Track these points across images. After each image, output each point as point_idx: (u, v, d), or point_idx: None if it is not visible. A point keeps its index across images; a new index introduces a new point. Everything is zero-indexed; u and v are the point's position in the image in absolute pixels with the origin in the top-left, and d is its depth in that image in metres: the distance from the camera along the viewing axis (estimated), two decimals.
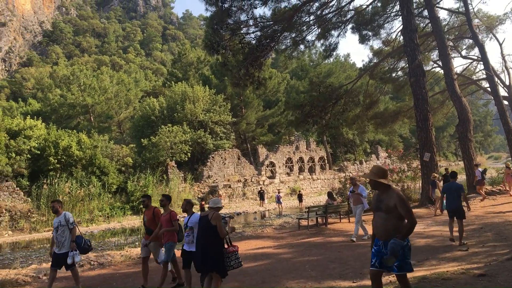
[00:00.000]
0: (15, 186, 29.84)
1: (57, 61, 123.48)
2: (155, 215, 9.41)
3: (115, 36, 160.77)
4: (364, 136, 56.18)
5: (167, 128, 37.46)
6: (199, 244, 7.20)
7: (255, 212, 31.96)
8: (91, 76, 58.49)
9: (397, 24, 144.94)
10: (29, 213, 27.50)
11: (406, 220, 5.23)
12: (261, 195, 36.39)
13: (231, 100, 46.35)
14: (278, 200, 32.98)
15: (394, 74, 31.51)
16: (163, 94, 50.98)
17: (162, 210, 9.43)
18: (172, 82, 50.49)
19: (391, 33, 42.82)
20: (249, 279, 9.01)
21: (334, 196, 19.92)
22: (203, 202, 29.25)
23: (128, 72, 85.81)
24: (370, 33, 28.27)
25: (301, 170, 46.73)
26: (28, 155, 30.85)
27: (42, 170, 30.82)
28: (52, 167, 30.78)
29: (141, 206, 30.37)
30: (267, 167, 43.05)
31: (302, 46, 25.26)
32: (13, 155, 30.06)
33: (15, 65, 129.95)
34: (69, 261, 8.66)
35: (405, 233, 5.17)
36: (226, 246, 7.33)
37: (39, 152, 31.17)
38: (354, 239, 12.82)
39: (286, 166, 45.06)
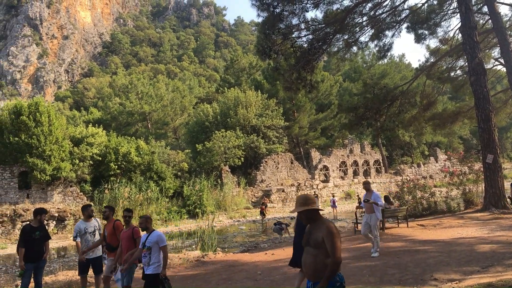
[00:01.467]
0: (78, 191, 31.37)
1: (116, 70, 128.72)
2: (115, 229, 8.41)
3: (170, 45, 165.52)
4: (421, 138, 54.38)
5: (221, 133, 38.01)
6: (295, 242, 7.78)
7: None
8: (148, 84, 60.46)
9: (455, 22, 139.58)
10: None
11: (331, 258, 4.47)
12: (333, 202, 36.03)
13: (283, 104, 46.36)
14: (333, 204, 32.55)
15: (452, 74, 30.33)
16: (216, 100, 51.84)
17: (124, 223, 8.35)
18: (225, 88, 51.23)
19: (449, 31, 41.35)
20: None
21: (391, 200, 19.41)
22: (263, 206, 29.37)
23: (183, 79, 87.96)
24: (426, 32, 27.39)
25: (355, 173, 45.90)
26: (91, 162, 32.32)
27: (104, 175, 32.19)
28: (112, 173, 32.06)
29: (197, 210, 31.06)
30: (321, 170, 42.63)
31: (355, 48, 24.89)
32: (77, 161, 31.60)
33: (77, 75, 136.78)
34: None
35: (328, 275, 4.42)
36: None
37: (100, 159, 32.58)
38: (376, 254, 11.26)
39: (340, 169, 44.43)
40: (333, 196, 35.79)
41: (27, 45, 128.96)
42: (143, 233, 7.61)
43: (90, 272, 9.33)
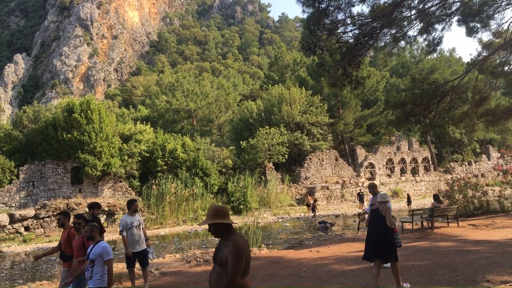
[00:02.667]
0: (127, 186, 32.36)
1: (162, 69, 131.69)
2: (70, 237, 7.63)
3: (215, 43, 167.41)
4: (473, 135, 52.33)
5: (265, 130, 38.08)
6: (371, 234, 8.08)
7: (355, 215, 31.25)
8: (194, 82, 61.43)
9: (509, 14, 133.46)
10: (140, 212, 29.58)
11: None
12: (360, 197, 35.48)
13: (328, 100, 45.86)
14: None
15: (506, 68, 28.93)
16: (260, 97, 51.95)
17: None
18: (269, 84, 51.24)
19: (502, 23, 39.30)
20: (351, 281, 8.83)
21: (441, 198, 18.82)
22: (315, 203, 29.19)
23: (227, 77, 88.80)
24: (478, 25, 26.24)
25: (402, 171, 44.80)
26: (139, 158, 33.25)
27: (151, 171, 33.04)
28: (159, 169, 32.84)
29: (241, 207, 31.31)
30: (366, 168, 41.91)
31: (402, 42, 24.19)
32: (126, 157, 32.60)
33: (126, 74, 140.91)
34: (150, 257, 9.23)
35: None
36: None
37: (148, 155, 33.45)
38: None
39: (386, 167, 43.50)
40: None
41: (78, 45, 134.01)
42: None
43: (137, 265, 9.59)
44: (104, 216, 28.07)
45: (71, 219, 7.81)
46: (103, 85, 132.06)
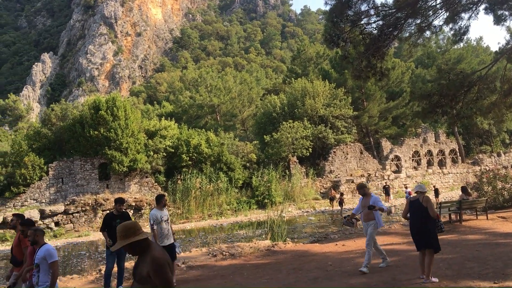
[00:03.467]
0: (153, 182, 32.79)
1: (186, 65, 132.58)
2: (20, 241, 7.26)
3: (237, 38, 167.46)
4: (502, 126, 51.10)
5: (288, 124, 37.98)
6: (415, 225, 8.17)
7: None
8: (217, 77, 61.70)
9: None
10: (166, 207, 29.91)
11: None
12: (386, 190, 35.10)
13: (351, 93, 45.39)
14: (408, 196, 31.55)
15: None
16: (283, 91, 51.80)
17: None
18: (292, 78, 51.03)
19: None
20: (378, 275, 8.77)
21: (469, 191, 18.46)
22: (342, 197, 28.97)
23: (250, 71, 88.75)
24: (506, 13, 25.48)
25: (429, 163, 44.10)
26: (164, 153, 33.64)
27: (176, 166, 33.39)
28: (184, 164, 33.16)
29: (265, 201, 31.38)
30: (392, 161, 41.40)
31: (428, 32, 23.69)
32: (151, 153, 33.03)
33: (150, 71, 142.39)
34: (177, 251, 9.36)
35: None
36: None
37: (173, 150, 33.81)
38: (365, 269, 9.07)
39: (412, 159, 42.88)
40: (406, 188, 34.74)
41: (103, 43, 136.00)
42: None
43: None
44: (132, 211, 28.55)
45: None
46: (128, 82, 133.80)
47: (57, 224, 27.12)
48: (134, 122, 33.37)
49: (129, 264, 11.31)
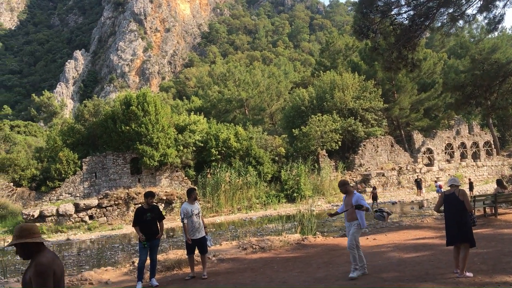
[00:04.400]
0: (184, 176, 33.20)
1: (214, 60, 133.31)
2: None
3: (265, 31, 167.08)
4: None
5: (317, 118, 37.72)
6: (451, 219, 8.06)
7: (412, 202, 30.47)
8: (245, 71, 61.70)
9: None
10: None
11: None
12: (418, 183, 34.52)
13: (382, 85, 44.65)
14: (439, 189, 30.93)
15: None
16: (312, 84, 51.39)
17: None
18: (321, 71, 50.59)
19: None
20: (411, 269, 8.64)
21: (505, 184, 17.94)
22: (375, 191, 28.51)
23: (278, 65, 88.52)
24: None
25: (463, 156, 43.06)
26: (194, 148, 33.98)
27: (206, 161, 33.69)
28: (214, 158, 33.42)
29: (294, 195, 31.31)
30: (424, 154, 40.62)
31: (461, 22, 23.05)
32: (181, 148, 33.41)
33: (179, 66, 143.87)
34: (209, 244, 9.44)
35: None
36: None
37: (202, 145, 34.11)
38: (354, 274, 8.26)
39: (445, 152, 41.95)
40: (437, 181, 34.06)
41: (133, 39, 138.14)
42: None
43: (197, 251, 9.84)
44: (163, 205, 29.00)
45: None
46: (157, 78, 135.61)
47: (91, 217, 27.82)
48: (164, 117, 33.80)
49: (162, 257, 11.51)
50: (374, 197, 27.63)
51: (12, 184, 30.70)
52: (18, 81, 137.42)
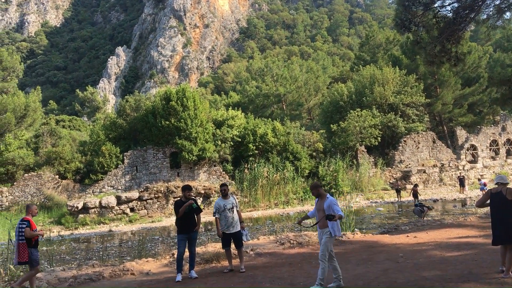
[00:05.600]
0: (221, 170, 33.52)
1: (252, 55, 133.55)
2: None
3: (303, 26, 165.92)
4: None
5: (356, 113, 37.20)
6: (498, 218, 7.81)
7: (455, 200, 29.62)
8: (283, 66, 61.56)
9: None
10: (233, 195, 30.53)
11: None
12: (461, 181, 33.49)
13: (424, 80, 43.52)
14: (483, 187, 29.91)
15: None
16: (351, 78, 50.73)
17: None
18: (360, 65, 49.85)
19: None
20: (452, 268, 8.42)
21: None
22: (416, 188, 27.73)
23: (316, 59, 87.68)
24: None
25: (508, 153, 41.47)
26: (231, 143, 34.24)
27: (243, 155, 33.89)
28: (251, 153, 33.57)
29: (332, 190, 31.05)
30: (467, 150, 39.37)
31: (508, 14, 22.25)
32: (219, 142, 33.74)
33: (217, 62, 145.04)
34: (244, 239, 9.40)
35: None
36: None
37: (240, 140, 34.32)
38: (335, 284, 7.65)
39: (490, 149, 40.52)
40: (481, 179, 33.00)
41: (173, 35, 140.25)
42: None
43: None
44: (201, 199, 29.42)
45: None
46: (196, 73, 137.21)
47: (132, 210, 28.55)
48: (203, 112, 34.21)
49: (200, 249, 11.69)
50: (415, 194, 26.93)
51: (57, 176, 31.90)
52: (63, 77, 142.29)
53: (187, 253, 9.82)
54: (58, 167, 32.37)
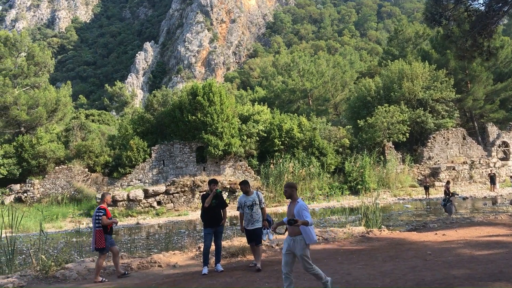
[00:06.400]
0: (247, 165, 33.63)
1: (278, 50, 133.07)
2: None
3: (331, 20, 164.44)
4: None
5: (384, 108, 36.69)
6: None
7: (485, 197, 28.95)
8: (309, 61, 61.16)
9: None
10: (259, 190, 30.63)
11: None
12: (491, 178, 32.69)
13: (454, 75, 42.54)
14: None
15: None
16: (378, 73, 49.99)
17: None
18: (388, 60, 49.09)
19: None
20: (483, 267, 8.24)
21: None
22: (448, 185, 26.99)
23: (343, 54, 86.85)
24: None
25: None
26: (257, 138, 34.29)
27: (269, 151, 33.90)
28: (277, 148, 33.56)
29: (358, 187, 30.76)
30: (499, 147, 38.35)
31: None
32: (245, 137, 33.84)
33: (243, 57, 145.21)
34: (264, 238, 9.33)
35: None
36: None
37: (265, 135, 34.33)
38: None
39: None
40: None
41: (200, 31, 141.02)
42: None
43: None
44: (226, 193, 29.59)
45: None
46: (222, 68, 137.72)
47: (159, 203, 28.96)
48: (229, 107, 34.34)
49: (226, 243, 11.77)
50: (446, 192, 26.35)
51: (87, 169, 32.60)
52: (93, 72, 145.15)
53: (213, 247, 9.91)
54: (87, 161, 33.08)
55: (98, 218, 9.42)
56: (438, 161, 36.24)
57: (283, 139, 33.91)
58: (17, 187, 31.62)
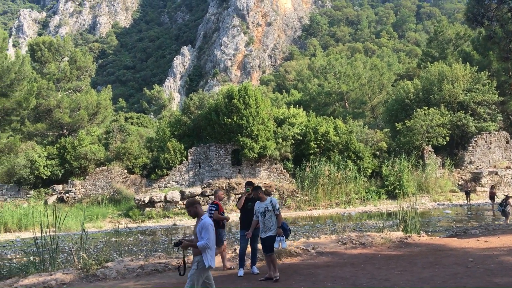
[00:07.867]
0: (282, 168, 33.59)
1: (314, 52, 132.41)
2: None
3: (368, 22, 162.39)
4: None
5: (423, 111, 35.86)
6: None
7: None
8: (346, 64, 60.54)
9: None
10: (294, 193, 30.54)
11: None
12: None
13: (497, 77, 41.12)
14: None
15: None
16: (417, 76, 48.92)
17: None
18: (428, 62, 47.97)
19: None
20: None
21: None
22: (493, 191, 26.02)
23: (381, 56, 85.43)
24: None
25: None
26: (292, 141, 34.21)
27: (304, 154, 33.74)
28: (312, 151, 33.36)
29: (396, 191, 30.16)
30: None
31: None
32: (280, 140, 33.83)
33: (279, 59, 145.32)
34: (276, 245, 8.80)
35: None
36: None
37: (301, 138, 34.21)
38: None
39: None
40: None
41: (236, 34, 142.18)
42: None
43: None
44: None
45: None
46: (258, 72, 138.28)
47: None
48: (264, 110, 34.42)
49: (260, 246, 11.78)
50: (492, 197, 25.44)
51: (126, 171, 33.38)
52: (132, 76, 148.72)
53: (249, 249, 9.93)
54: (126, 162, 33.86)
55: (211, 213, 9.89)
56: (480, 165, 35.11)
57: (318, 142, 33.68)
58: (59, 187, 32.71)
